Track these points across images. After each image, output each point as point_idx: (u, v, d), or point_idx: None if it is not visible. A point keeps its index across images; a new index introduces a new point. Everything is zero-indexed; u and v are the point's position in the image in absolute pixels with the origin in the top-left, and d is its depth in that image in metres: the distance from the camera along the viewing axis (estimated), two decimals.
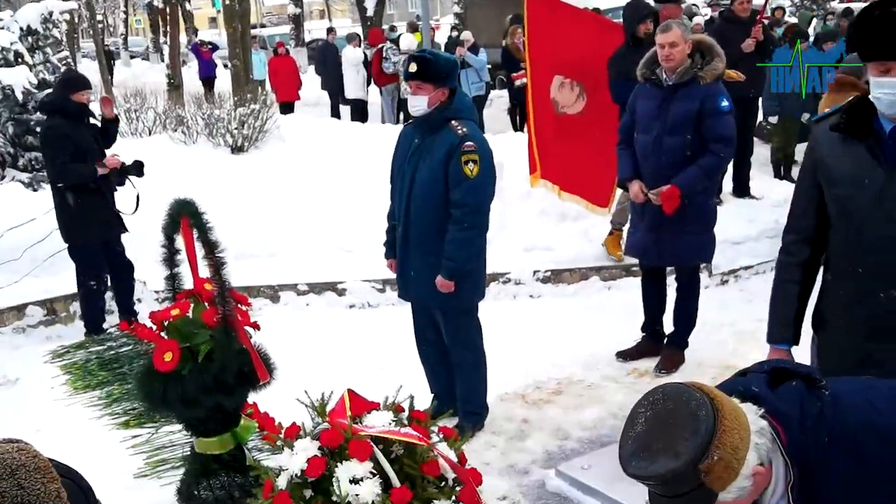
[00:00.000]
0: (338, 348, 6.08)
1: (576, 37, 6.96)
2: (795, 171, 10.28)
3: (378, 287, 6.96)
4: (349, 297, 6.98)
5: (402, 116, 14.69)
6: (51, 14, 7.50)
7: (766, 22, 8.47)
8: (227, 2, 13.56)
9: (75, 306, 6.56)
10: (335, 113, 16.22)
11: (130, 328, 5.72)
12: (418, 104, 4.37)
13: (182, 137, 13.42)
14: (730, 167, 8.48)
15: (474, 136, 4.36)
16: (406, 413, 2.83)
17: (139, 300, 6.81)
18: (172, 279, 3.46)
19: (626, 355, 5.67)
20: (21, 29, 7.36)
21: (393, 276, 6.89)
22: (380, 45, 14.94)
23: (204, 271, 3.38)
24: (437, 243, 4.41)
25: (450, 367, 4.83)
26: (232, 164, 10.91)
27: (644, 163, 5.21)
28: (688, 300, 5.55)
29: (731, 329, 6.15)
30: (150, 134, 14.47)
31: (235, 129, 12.71)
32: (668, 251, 5.30)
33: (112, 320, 6.37)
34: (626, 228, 6.96)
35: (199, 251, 3.39)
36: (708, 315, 6.35)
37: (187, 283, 3.55)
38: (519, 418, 5.00)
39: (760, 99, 8.92)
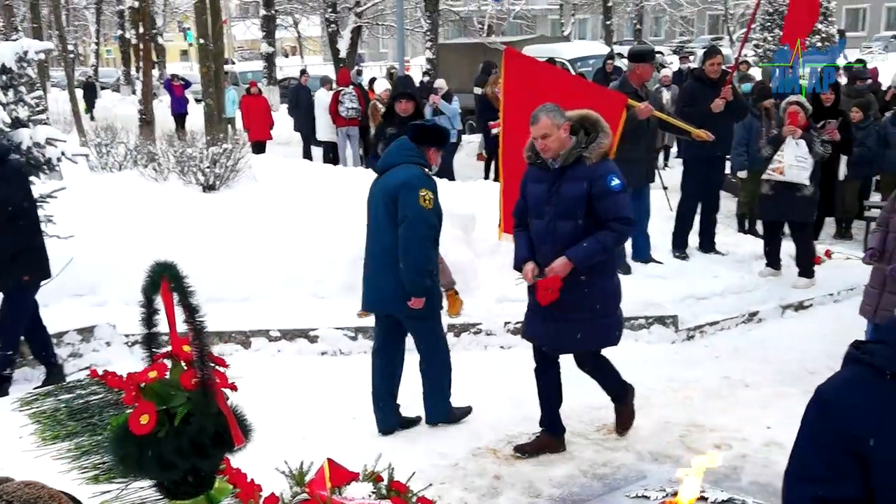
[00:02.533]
0: (310, 397, 6.07)
1: (551, 95, 7.04)
2: (760, 226, 10.47)
3: (350, 335, 6.97)
4: (321, 344, 6.98)
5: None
6: (26, 53, 7.48)
7: (735, 84, 8.69)
8: (202, 41, 13.58)
9: None
10: (307, 154, 16.31)
11: (100, 376, 5.69)
12: None
13: (153, 174, 13.38)
14: (696, 222, 8.68)
15: None
16: (385, 482, 2.84)
17: (108, 343, 6.77)
18: (150, 339, 3.44)
19: (524, 450, 5.22)
20: None
21: (365, 323, 6.95)
22: (338, 89, 15.20)
23: (182, 331, 3.37)
24: None
25: None
26: (203, 203, 10.88)
27: (540, 249, 4.89)
28: (604, 375, 5.33)
29: (698, 385, 6.24)
30: (120, 169, 14.43)
31: (207, 167, 12.71)
32: (568, 339, 4.99)
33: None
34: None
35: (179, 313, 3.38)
36: (674, 372, 6.46)
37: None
38: (491, 474, 5.02)
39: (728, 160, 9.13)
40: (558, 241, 4.77)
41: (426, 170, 5.30)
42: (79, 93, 27.28)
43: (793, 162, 7.72)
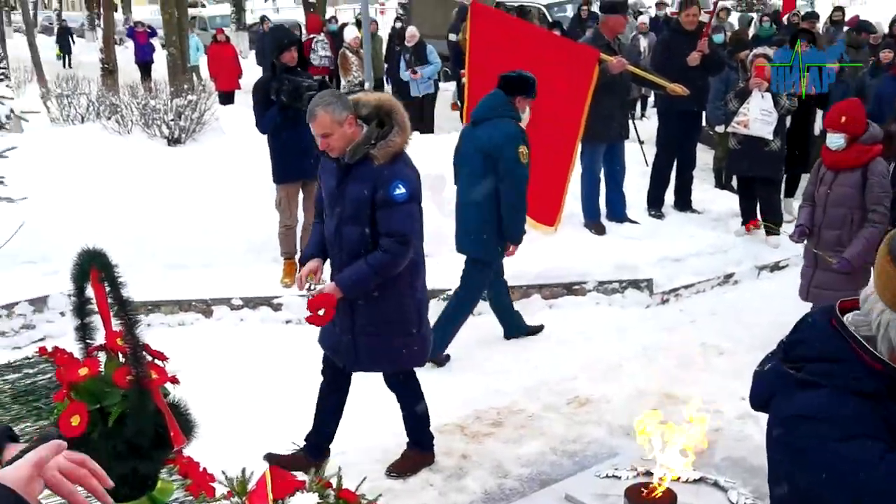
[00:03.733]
0: (273, 367, 5.86)
1: (521, 51, 6.80)
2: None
3: None
4: (285, 312, 6.73)
5: None
6: None
7: (712, 36, 8.41)
8: None
9: None
10: None
11: (49, 353, 5.44)
12: None
13: (116, 127, 13.00)
14: (672, 178, 8.47)
15: None
16: (333, 490, 2.63)
17: (62, 314, 6.51)
18: (83, 329, 3.20)
19: (273, 459, 4.47)
20: None
21: None
22: (311, 36, 14.72)
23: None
24: None
25: None
26: (168, 157, 10.56)
27: (330, 251, 4.30)
28: (410, 402, 4.60)
29: (672, 352, 6.08)
30: (82, 121, 14.04)
31: (172, 120, 12.34)
32: (365, 356, 4.34)
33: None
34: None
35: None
36: (648, 338, 6.30)
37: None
38: (458, 453, 4.86)
39: (704, 113, 8.87)
40: (345, 248, 4.18)
41: (517, 122, 5.59)
42: (41, 39, 26.40)
43: (757, 115, 7.53)
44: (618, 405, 5.35)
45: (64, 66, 26.50)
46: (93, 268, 3.17)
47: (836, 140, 5.37)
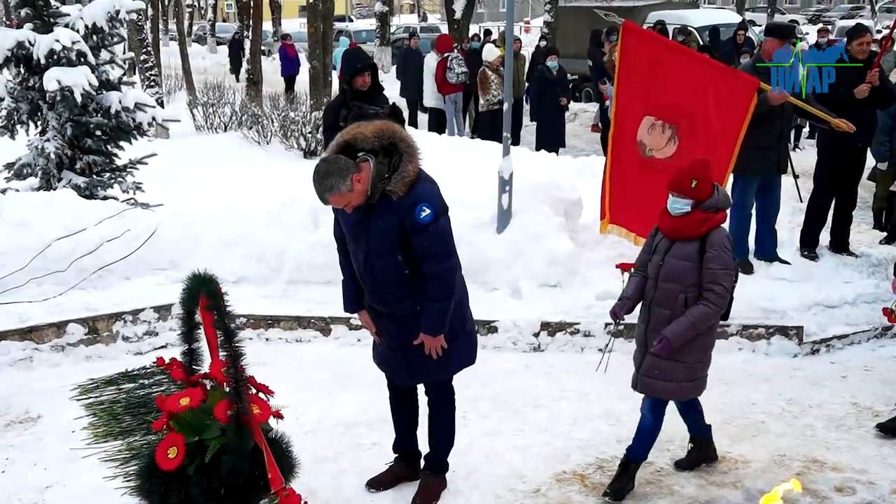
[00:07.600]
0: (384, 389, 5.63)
1: (673, 75, 6.37)
2: None
3: None
4: None
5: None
6: (118, 12, 7.23)
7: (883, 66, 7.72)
8: (311, 1, 13.24)
9: (118, 325, 6.28)
10: (412, 121, 15.83)
11: (166, 364, 5.37)
12: None
13: (256, 137, 13.26)
14: (830, 217, 7.83)
15: None
16: None
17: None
18: (189, 356, 3.04)
19: (376, 484, 4.60)
20: (86, 27, 7.10)
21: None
22: (446, 54, 14.59)
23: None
24: None
25: None
26: (302, 170, 10.57)
27: (362, 279, 4.23)
28: (447, 414, 4.51)
29: (821, 412, 5.53)
30: (225, 130, 14.41)
31: (309, 133, 12.48)
32: (416, 368, 4.30)
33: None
34: None
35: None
36: (794, 393, 5.78)
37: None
38: None
39: (869, 149, 8.17)
40: (378, 277, 4.09)
41: None
42: (195, 48, 27.29)
43: None
44: (758, 467, 4.86)
45: (237, 79, 27.28)
46: (201, 295, 3.02)
47: (681, 206, 4.37)
